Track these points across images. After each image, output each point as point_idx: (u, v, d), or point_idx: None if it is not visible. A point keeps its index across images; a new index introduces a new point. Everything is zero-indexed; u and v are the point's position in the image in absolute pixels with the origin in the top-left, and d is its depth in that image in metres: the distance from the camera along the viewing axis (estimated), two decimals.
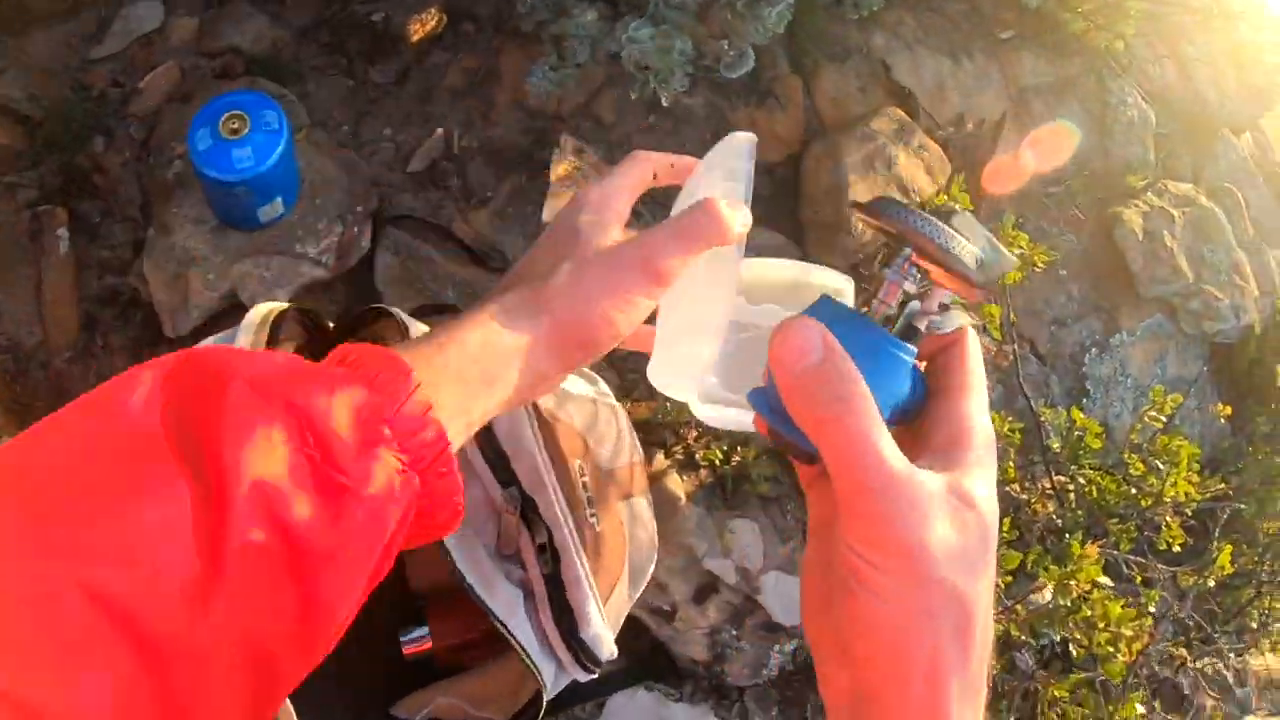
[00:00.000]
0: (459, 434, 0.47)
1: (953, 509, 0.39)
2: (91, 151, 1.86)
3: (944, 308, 0.45)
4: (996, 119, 2.21)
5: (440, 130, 1.83)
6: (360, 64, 1.90)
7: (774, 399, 0.42)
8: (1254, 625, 2.06)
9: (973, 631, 0.39)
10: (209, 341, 0.94)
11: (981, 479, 0.41)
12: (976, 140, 2.13)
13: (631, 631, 1.48)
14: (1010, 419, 1.82)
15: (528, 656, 0.85)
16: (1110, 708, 1.39)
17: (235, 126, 1.52)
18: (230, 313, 1.70)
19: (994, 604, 1.67)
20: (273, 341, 0.92)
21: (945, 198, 1.80)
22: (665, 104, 1.58)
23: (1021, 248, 1.82)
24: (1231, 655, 2.05)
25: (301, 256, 1.67)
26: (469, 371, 0.47)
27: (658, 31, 1.42)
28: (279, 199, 1.63)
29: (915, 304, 0.45)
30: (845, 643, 0.40)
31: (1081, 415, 1.82)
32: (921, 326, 0.45)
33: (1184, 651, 1.78)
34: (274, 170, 1.54)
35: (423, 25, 1.86)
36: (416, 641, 1.13)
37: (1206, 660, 1.93)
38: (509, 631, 0.85)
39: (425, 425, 0.43)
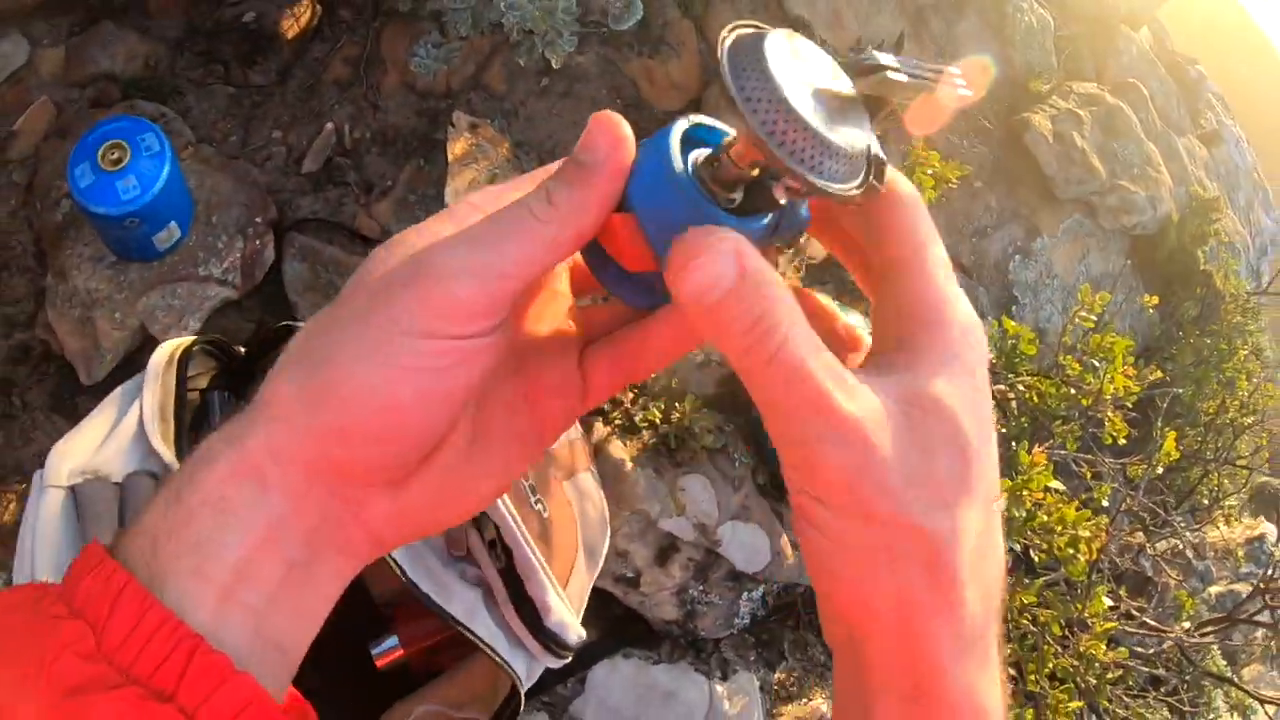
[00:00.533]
0: (235, 611, 0.34)
1: (910, 423, 0.33)
2: None
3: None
4: (895, 39, 2.20)
5: (330, 125, 1.77)
6: (238, 68, 1.83)
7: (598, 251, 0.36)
8: (1205, 502, 2.12)
9: (951, 571, 0.33)
10: (115, 395, 0.90)
11: (954, 375, 0.34)
12: (860, 66, 2.12)
13: (601, 603, 1.47)
14: None
15: (496, 655, 0.84)
16: (1078, 605, 1.42)
17: (116, 157, 1.45)
18: (144, 349, 1.64)
19: None
20: (182, 380, 0.89)
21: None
22: (556, 66, 1.54)
23: (934, 167, 1.83)
24: (1188, 534, 2.10)
25: (207, 279, 1.61)
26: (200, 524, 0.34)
27: None
28: (173, 224, 1.56)
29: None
30: (819, 589, 0.36)
31: (1013, 323, 1.84)
32: (782, 200, 0.35)
33: (1142, 538, 1.82)
34: (163, 196, 1.47)
35: (297, 19, 1.79)
36: (388, 652, 1.12)
37: (1165, 543, 1.98)
38: (473, 634, 0.83)
39: (151, 637, 0.32)
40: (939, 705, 0.34)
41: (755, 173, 0.34)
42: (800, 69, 0.33)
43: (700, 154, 0.36)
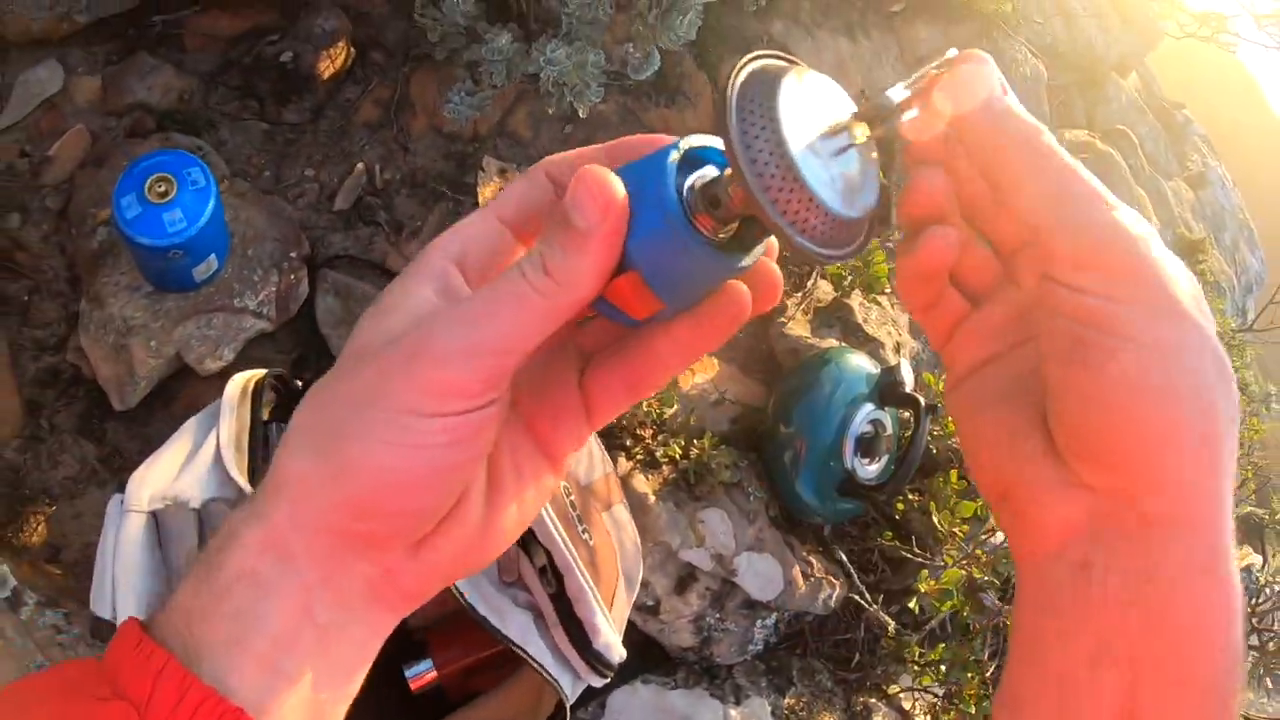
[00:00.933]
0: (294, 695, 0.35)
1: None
2: (8, 228, 1.82)
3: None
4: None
5: (361, 165, 1.84)
6: (272, 106, 1.90)
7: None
8: None
9: (1233, 383, 0.32)
10: (190, 424, 0.96)
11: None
12: (879, 113, 2.21)
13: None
14: (943, 377, 1.92)
15: (547, 673, 0.90)
16: None
17: (163, 190, 1.51)
18: (179, 378, 1.69)
19: (957, 550, 1.73)
20: (256, 411, 0.95)
21: None
22: (583, 115, 1.62)
23: None
24: None
25: (242, 311, 1.67)
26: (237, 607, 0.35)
27: (572, 49, 1.46)
28: (212, 256, 1.62)
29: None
30: (1079, 443, 0.33)
31: None
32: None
33: None
34: (206, 229, 1.53)
35: (333, 61, 1.86)
36: (422, 674, 1.17)
37: None
38: (527, 654, 0.89)
39: (194, 715, 0.32)
40: (1224, 579, 0.32)
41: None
42: (813, 117, 0.32)
43: (700, 179, 0.34)
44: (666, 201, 0.33)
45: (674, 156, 0.34)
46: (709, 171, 0.34)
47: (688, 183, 0.34)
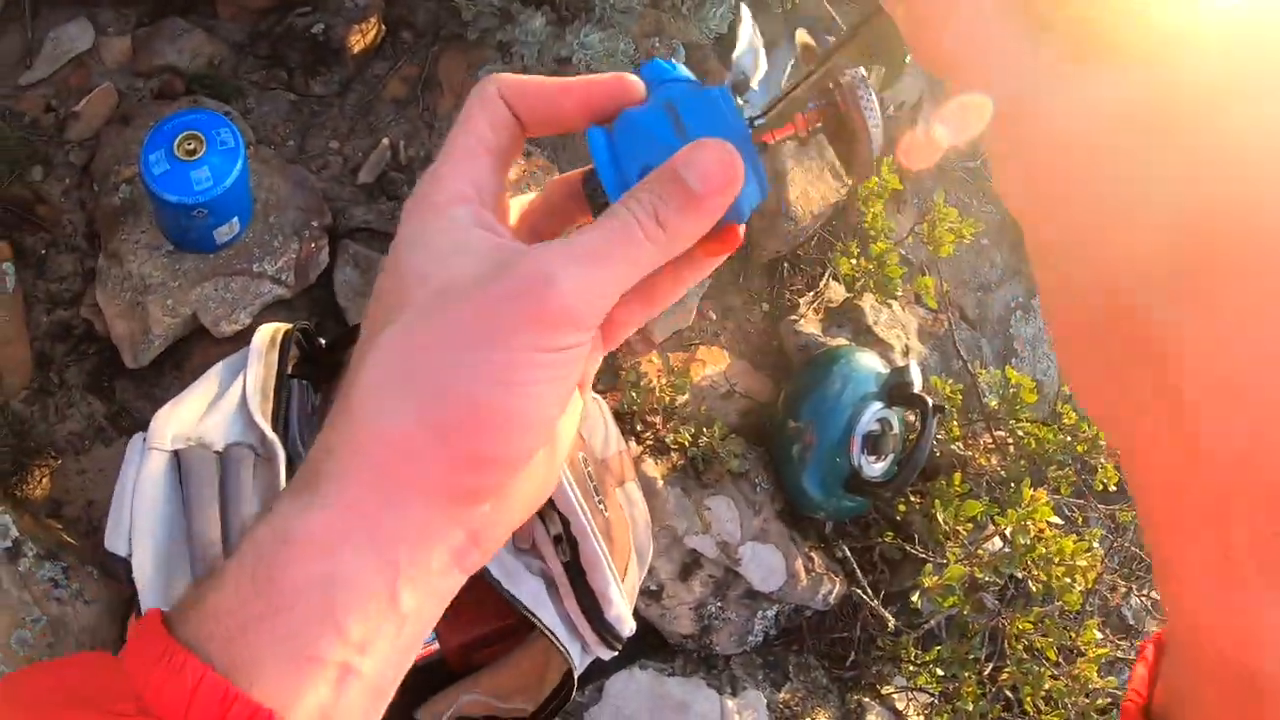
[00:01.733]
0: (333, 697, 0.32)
1: None
2: (30, 181, 1.82)
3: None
4: (915, 100, 2.31)
5: (386, 140, 1.85)
6: (301, 77, 1.91)
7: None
8: None
9: None
10: (217, 369, 0.97)
11: None
12: (897, 123, 2.23)
13: None
14: (950, 381, 1.94)
15: (557, 640, 0.91)
16: (1071, 634, 1.50)
17: (191, 147, 1.52)
18: (192, 339, 1.69)
19: (959, 548, 1.72)
20: (284, 361, 0.96)
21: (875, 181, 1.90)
22: None
23: (953, 222, 1.93)
24: None
25: (261, 276, 1.68)
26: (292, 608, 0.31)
27: (605, 35, 1.47)
28: (235, 219, 1.63)
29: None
30: None
31: (1015, 373, 1.93)
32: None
33: (1127, 583, 1.91)
34: (232, 190, 1.54)
35: (363, 35, 1.87)
36: (424, 646, 1.17)
37: (1149, 590, 2.07)
38: (539, 620, 0.90)
39: None
40: None
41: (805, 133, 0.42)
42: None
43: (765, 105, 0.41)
44: (749, 153, 0.37)
45: (740, 103, 0.40)
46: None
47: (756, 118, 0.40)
